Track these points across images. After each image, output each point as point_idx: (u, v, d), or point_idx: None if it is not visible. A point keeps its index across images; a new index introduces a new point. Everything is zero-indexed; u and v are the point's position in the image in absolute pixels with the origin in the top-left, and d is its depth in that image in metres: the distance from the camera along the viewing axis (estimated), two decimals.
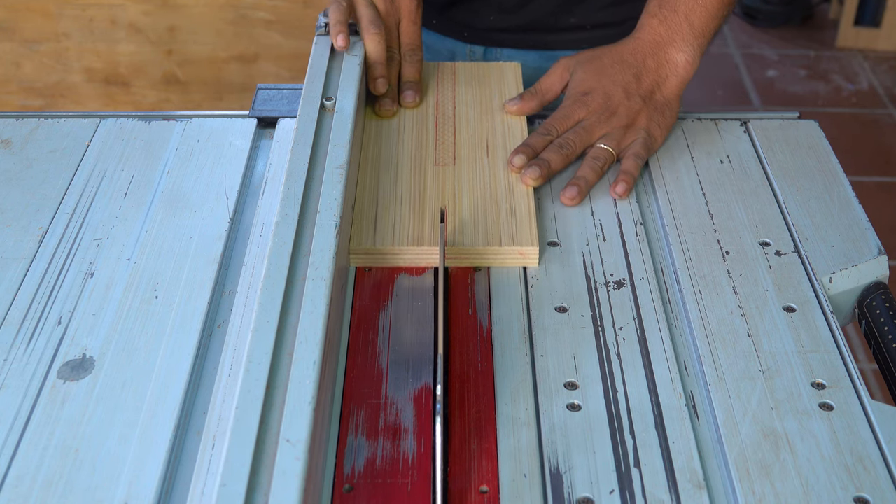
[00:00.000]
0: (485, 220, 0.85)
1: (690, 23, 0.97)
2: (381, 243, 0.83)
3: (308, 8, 2.18)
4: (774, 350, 0.75)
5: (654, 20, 0.99)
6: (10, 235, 0.84)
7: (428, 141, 0.96)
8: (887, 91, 2.98)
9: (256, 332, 0.66)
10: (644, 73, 0.97)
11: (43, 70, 2.28)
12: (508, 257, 0.83)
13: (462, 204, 0.87)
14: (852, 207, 0.90)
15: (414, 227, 0.84)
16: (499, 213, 0.86)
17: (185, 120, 0.99)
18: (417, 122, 0.99)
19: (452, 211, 0.86)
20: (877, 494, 0.64)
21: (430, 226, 0.84)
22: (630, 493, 0.64)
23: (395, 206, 0.87)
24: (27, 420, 0.68)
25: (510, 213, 0.86)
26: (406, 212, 0.86)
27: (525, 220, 0.85)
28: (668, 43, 0.98)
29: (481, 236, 0.84)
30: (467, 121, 0.99)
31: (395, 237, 0.83)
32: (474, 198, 0.88)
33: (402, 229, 0.84)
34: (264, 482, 0.57)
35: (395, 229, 0.84)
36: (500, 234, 0.84)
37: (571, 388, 0.72)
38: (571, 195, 0.90)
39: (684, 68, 0.98)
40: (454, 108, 1.01)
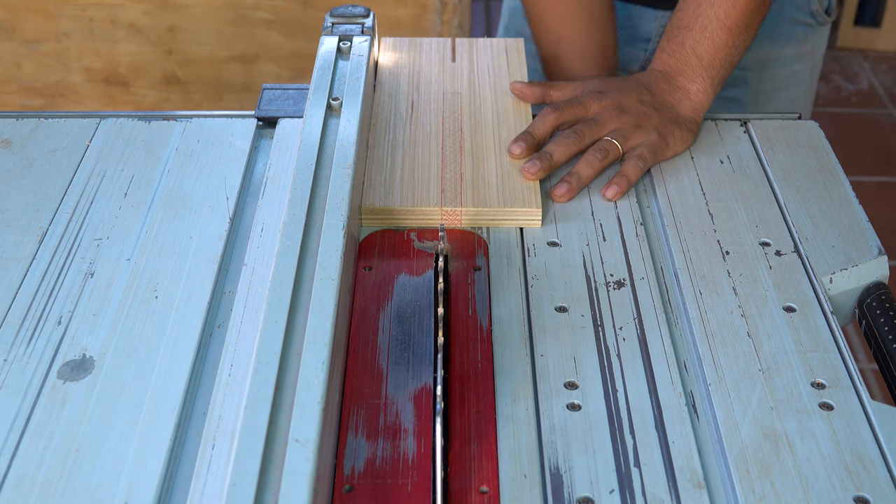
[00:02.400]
0: (487, 183, 0.89)
1: (698, 55, 0.99)
2: (391, 201, 0.86)
3: (308, 8, 2.18)
4: (774, 350, 0.75)
5: (664, 54, 1.01)
6: (10, 235, 0.84)
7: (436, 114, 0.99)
8: (887, 91, 2.98)
9: (265, 333, 0.66)
10: (657, 92, 0.99)
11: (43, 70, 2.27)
12: (511, 217, 0.86)
13: (467, 166, 0.91)
14: (852, 207, 0.90)
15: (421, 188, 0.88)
16: (502, 176, 0.90)
17: (186, 120, 0.99)
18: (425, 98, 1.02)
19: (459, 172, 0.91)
20: (877, 494, 0.64)
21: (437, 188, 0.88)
22: (630, 492, 0.64)
23: (402, 168, 0.91)
24: (27, 420, 0.68)
25: (513, 177, 0.90)
26: (415, 174, 0.90)
27: (529, 184, 0.89)
28: (679, 74, 0.99)
29: (485, 197, 0.87)
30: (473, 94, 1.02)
31: (404, 197, 0.87)
32: (479, 163, 0.92)
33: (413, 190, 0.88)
34: (273, 482, 0.57)
35: (404, 190, 0.88)
36: (504, 196, 0.87)
37: (571, 388, 0.72)
38: (560, 192, 0.90)
39: (696, 95, 0.99)
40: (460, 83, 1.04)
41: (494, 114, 0.99)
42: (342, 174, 0.81)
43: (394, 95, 1.02)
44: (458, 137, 0.95)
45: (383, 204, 0.86)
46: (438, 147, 0.94)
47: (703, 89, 0.99)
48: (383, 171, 0.90)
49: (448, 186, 0.88)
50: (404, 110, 0.99)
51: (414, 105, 1.00)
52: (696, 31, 0.99)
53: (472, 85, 1.04)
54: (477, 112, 0.99)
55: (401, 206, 0.86)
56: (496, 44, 1.10)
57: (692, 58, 0.99)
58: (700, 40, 0.99)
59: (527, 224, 0.86)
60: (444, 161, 0.92)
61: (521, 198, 0.87)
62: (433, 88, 1.03)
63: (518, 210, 0.86)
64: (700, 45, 0.99)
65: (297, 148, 0.84)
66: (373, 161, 0.92)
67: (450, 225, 0.86)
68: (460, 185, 0.89)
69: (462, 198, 0.87)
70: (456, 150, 0.93)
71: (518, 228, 0.87)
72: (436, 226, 0.86)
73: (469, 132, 0.96)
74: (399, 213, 0.86)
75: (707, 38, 0.98)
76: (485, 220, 0.86)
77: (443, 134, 0.96)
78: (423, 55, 1.08)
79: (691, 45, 0.99)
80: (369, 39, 1.01)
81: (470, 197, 0.87)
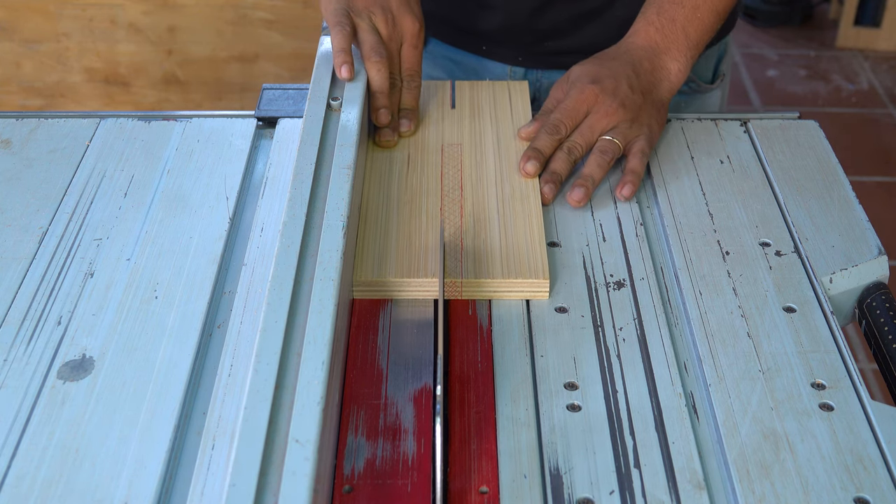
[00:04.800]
0: (490, 250, 0.82)
1: (687, 34, 0.98)
2: (383, 274, 0.80)
3: (308, 8, 2.18)
4: (774, 350, 0.75)
5: (651, 28, 0.99)
6: (10, 235, 0.84)
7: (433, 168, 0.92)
8: (887, 91, 2.98)
9: (265, 333, 0.66)
10: (641, 72, 0.97)
11: (43, 70, 2.28)
12: (516, 289, 0.79)
13: (469, 232, 0.84)
14: (852, 207, 0.90)
15: (417, 257, 0.81)
16: (506, 242, 0.83)
17: (185, 120, 0.99)
18: (423, 149, 0.95)
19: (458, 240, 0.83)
20: (877, 494, 0.64)
21: (434, 257, 0.81)
22: (630, 493, 0.64)
23: (398, 232, 0.84)
24: (27, 420, 0.68)
25: (517, 243, 0.83)
26: (411, 240, 0.83)
27: (536, 250, 0.82)
28: (664, 51, 0.98)
29: (487, 267, 0.80)
30: (475, 145, 0.96)
31: (398, 268, 0.80)
32: (481, 226, 0.85)
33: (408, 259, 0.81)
34: (273, 482, 0.57)
35: (399, 260, 0.81)
36: (509, 266, 0.80)
37: (571, 389, 0.72)
38: (578, 197, 0.89)
39: (676, 76, 0.98)
40: (460, 132, 0.98)
41: (497, 169, 0.92)
42: (342, 174, 0.81)
43: (390, 148, 0.95)
44: (458, 196, 0.88)
45: (376, 276, 0.79)
46: (437, 207, 0.87)
47: (684, 69, 0.98)
48: (377, 235, 0.83)
49: (447, 254, 0.81)
50: (400, 164, 0.93)
51: (411, 158, 0.94)
52: (689, 10, 0.98)
53: (473, 134, 0.97)
54: (478, 166, 0.93)
55: (395, 278, 0.79)
56: (498, 87, 1.04)
57: (681, 35, 0.98)
58: (691, 19, 0.98)
59: (533, 296, 0.79)
60: (442, 223, 0.85)
61: (527, 267, 0.80)
62: (431, 139, 0.96)
63: (524, 282, 0.79)
64: (690, 25, 0.98)
65: (296, 148, 0.84)
66: (366, 224, 0.85)
67: (449, 296, 0.79)
68: (460, 251, 0.82)
69: (462, 267, 0.80)
70: (456, 211, 0.87)
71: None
72: (433, 297, 0.79)
73: (470, 190, 0.89)
74: (393, 286, 0.79)
75: (698, 18, 0.98)
76: (487, 293, 0.79)
77: (442, 192, 0.89)
78: (421, 100, 1.01)
79: (682, 23, 0.98)
80: None
81: (471, 266, 0.80)
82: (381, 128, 0.96)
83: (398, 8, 0.97)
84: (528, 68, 1.16)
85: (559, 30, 1.11)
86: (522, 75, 1.16)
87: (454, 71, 1.20)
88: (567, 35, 1.12)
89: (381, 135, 0.95)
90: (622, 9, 1.04)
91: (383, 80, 0.95)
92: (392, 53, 0.97)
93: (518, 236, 0.84)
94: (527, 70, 1.16)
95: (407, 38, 0.98)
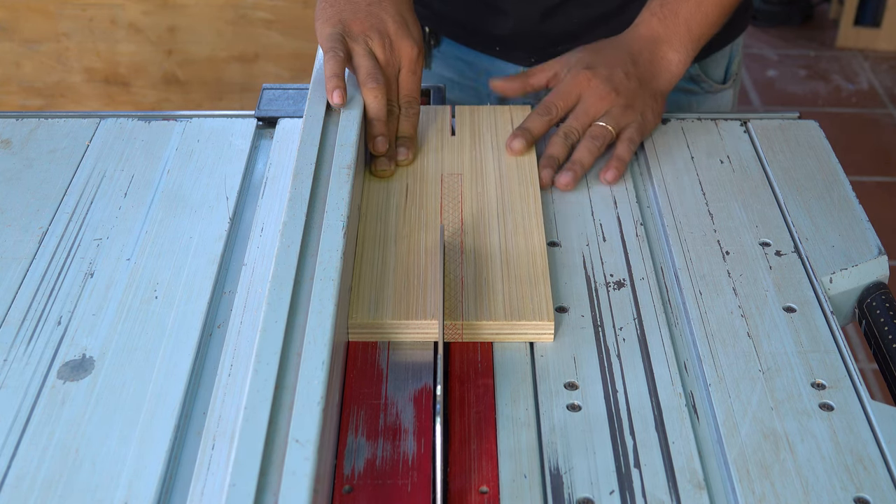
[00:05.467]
0: (492, 289, 0.78)
1: (689, 27, 0.98)
2: (379, 316, 0.76)
3: (308, 8, 2.18)
4: (774, 350, 0.75)
5: (654, 19, 0.99)
6: (10, 235, 0.84)
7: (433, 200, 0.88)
8: (887, 91, 2.98)
9: (264, 333, 0.66)
10: (639, 61, 0.98)
11: (43, 70, 2.28)
12: (519, 332, 0.76)
13: (469, 268, 0.81)
14: (852, 207, 0.90)
15: (415, 297, 0.77)
16: (509, 280, 0.79)
17: (185, 120, 0.99)
18: (421, 180, 0.91)
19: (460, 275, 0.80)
20: (877, 494, 0.64)
21: (434, 299, 0.77)
22: (630, 493, 0.64)
23: (395, 272, 0.80)
24: (27, 420, 0.68)
25: (520, 281, 0.79)
26: (409, 280, 0.79)
27: (540, 290, 0.78)
28: (665, 42, 0.99)
29: (489, 308, 0.76)
30: (475, 175, 0.92)
31: (396, 309, 0.76)
32: (482, 262, 0.81)
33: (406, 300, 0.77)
34: (273, 482, 0.57)
35: (396, 300, 0.77)
36: (512, 306, 0.77)
37: (571, 389, 0.72)
38: (567, 181, 0.90)
39: (677, 66, 0.99)
40: (460, 161, 0.94)
41: (499, 201, 0.88)
42: (342, 174, 0.81)
43: (387, 179, 0.91)
44: (458, 231, 0.84)
45: (372, 318, 0.75)
46: (436, 244, 0.82)
47: (684, 61, 0.99)
48: (373, 275, 0.79)
49: (447, 294, 0.77)
50: (398, 198, 0.88)
51: (409, 189, 0.89)
52: (693, 4, 0.98)
53: (473, 163, 0.93)
54: (480, 198, 0.88)
55: (392, 320, 0.75)
56: (500, 111, 1.00)
57: (683, 28, 0.98)
58: (694, 13, 0.98)
59: (537, 339, 0.75)
60: (442, 261, 0.80)
61: (530, 308, 0.76)
62: (430, 169, 0.92)
63: (527, 324, 0.75)
64: (693, 18, 0.98)
65: (296, 148, 0.84)
66: (362, 260, 0.81)
67: (449, 338, 0.75)
68: (461, 291, 0.78)
69: (463, 308, 0.76)
70: (456, 248, 0.82)
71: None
72: (432, 340, 0.75)
73: (471, 224, 0.85)
74: (390, 328, 0.75)
75: (701, 12, 0.98)
76: (489, 335, 0.75)
77: (441, 227, 0.84)
78: (420, 126, 0.97)
79: (685, 16, 0.98)
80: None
81: (472, 307, 0.76)
82: (377, 157, 0.92)
83: (396, 32, 0.94)
84: None
85: (570, 34, 1.11)
86: None
87: (465, 71, 1.20)
88: (578, 39, 1.12)
89: (378, 164, 0.92)
90: (632, 13, 1.04)
91: (380, 107, 0.91)
92: (389, 79, 0.94)
93: (521, 274, 0.80)
94: None
95: (405, 64, 0.95)
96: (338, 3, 0.94)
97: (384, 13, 0.94)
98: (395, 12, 0.95)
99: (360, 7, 0.94)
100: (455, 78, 1.21)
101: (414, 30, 0.96)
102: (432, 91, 1.08)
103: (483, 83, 1.19)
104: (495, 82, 1.00)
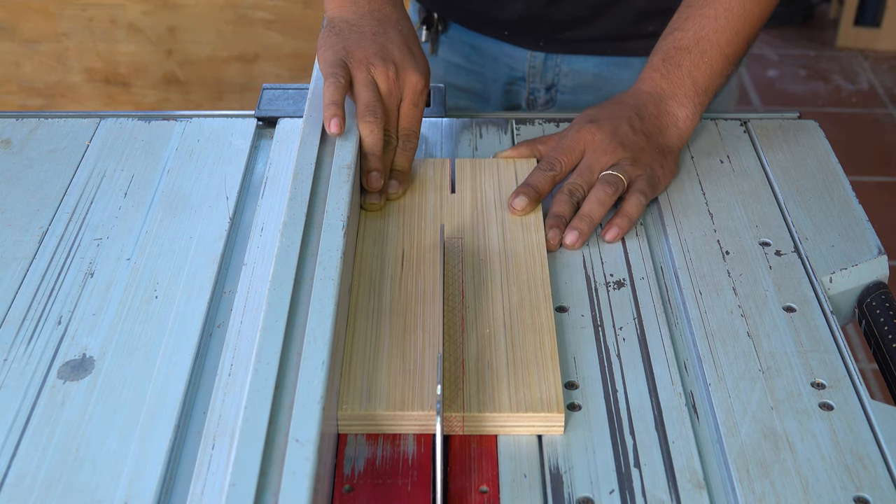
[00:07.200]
0: (496, 375, 0.71)
1: (694, 79, 0.94)
2: (372, 407, 0.69)
3: (308, 8, 2.18)
4: (774, 350, 0.75)
5: (657, 74, 0.95)
6: (10, 235, 0.84)
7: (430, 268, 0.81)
8: (887, 91, 2.98)
9: (265, 332, 0.66)
10: (645, 116, 0.93)
11: (43, 70, 2.28)
12: (526, 424, 0.69)
13: (471, 350, 0.73)
14: (852, 207, 0.90)
15: (411, 384, 0.70)
16: (514, 364, 0.72)
17: (185, 120, 0.99)
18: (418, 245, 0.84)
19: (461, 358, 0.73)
20: (877, 494, 0.64)
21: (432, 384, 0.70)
22: (630, 493, 0.64)
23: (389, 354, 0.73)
24: (27, 420, 0.68)
25: (527, 365, 0.72)
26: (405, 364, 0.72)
27: (549, 376, 0.71)
28: (670, 97, 0.94)
29: (492, 398, 0.69)
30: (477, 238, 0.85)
31: (390, 399, 0.69)
32: (485, 343, 0.74)
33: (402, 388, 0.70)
34: (274, 482, 0.57)
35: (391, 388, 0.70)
36: (518, 396, 0.69)
37: (571, 388, 0.72)
38: (573, 240, 0.84)
39: (684, 122, 0.94)
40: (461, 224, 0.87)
41: (503, 269, 0.81)
42: (342, 174, 0.81)
43: (381, 242, 0.84)
44: (458, 305, 0.77)
45: (364, 409, 0.68)
46: (434, 321, 0.75)
47: (692, 116, 0.94)
48: (366, 355, 0.72)
49: (446, 381, 0.70)
50: (393, 266, 0.81)
51: (405, 257, 0.82)
52: (696, 55, 0.94)
53: (475, 225, 0.86)
54: (482, 266, 0.81)
55: (386, 412, 0.68)
56: (503, 165, 0.93)
57: (687, 81, 0.94)
58: (698, 65, 0.94)
59: (545, 431, 0.68)
60: (441, 343, 0.72)
61: (538, 398, 0.69)
62: (428, 233, 0.85)
63: (535, 416, 0.68)
64: (697, 70, 0.94)
65: (296, 148, 0.84)
66: (353, 338, 0.74)
67: (448, 431, 0.68)
68: (462, 378, 0.71)
69: (464, 398, 0.69)
70: (456, 325, 0.75)
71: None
72: (430, 432, 0.69)
73: (472, 297, 0.78)
74: (384, 420, 0.68)
75: (706, 63, 0.94)
76: (492, 427, 0.68)
77: (440, 301, 0.76)
78: (417, 183, 0.91)
79: (688, 69, 0.94)
80: None
81: (474, 397, 0.69)
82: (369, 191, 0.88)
83: (402, 61, 0.90)
84: (548, 53, 1.15)
85: (578, 18, 1.11)
86: (542, 60, 1.16)
87: (472, 56, 1.20)
88: (586, 24, 1.11)
89: (368, 198, 0.88)
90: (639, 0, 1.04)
91: (376, 142, 0.87)
92: (390, 110, 0.90)
93: (528, 357, 0.72)
94: (547, 55, 1.16)
95: (408, 95, 0.91)
96: (343, 32, 0.92)
97: (390, 43, 0.91)
98: (402, 42, 0.92)
99: (366, 36, 0.91)
100: (462, 63, 1.21)
101: (420, 59, 0.92)
102: (432, 90, 1.07)
103: (489, 68, 1.19)
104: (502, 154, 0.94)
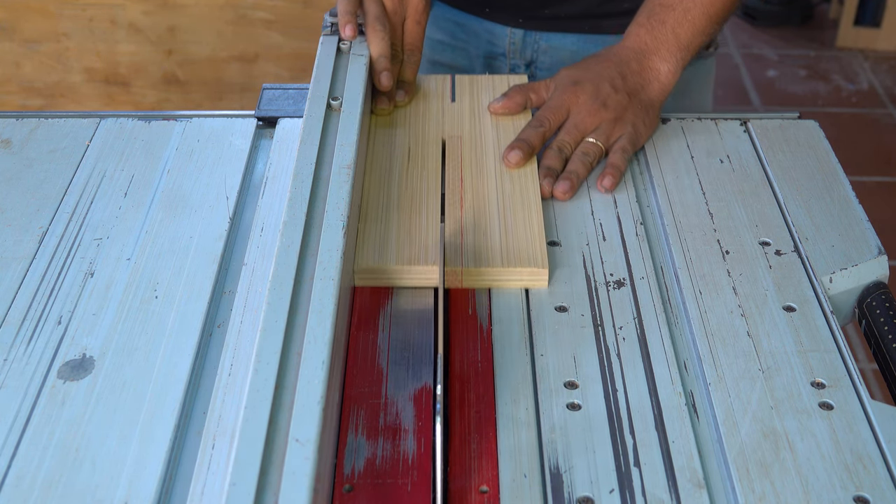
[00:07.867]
0: (490, 241, 0.83)
1: (677, 35, 0.99)
2: (384, 261, 0.81)
3: (308, 8, 2.18)
4: (774, 349, 0.75)
5: (642, 30, 1.01)
6: (10, 235, 0.84)
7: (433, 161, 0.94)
8: (887, 91, 2.98)
9: (265, 332, 0.66)
10: (628, 73, 0.99)
11: (43, 70, 2.28)
12: (515, 278, 0.81)
13: (469, 224, 0.86)
14: (852, 207, 0.90)
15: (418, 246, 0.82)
16: (506, 234, 0.84)
17: (185, 120, 0.99)
18: (423, 143, 0.96)
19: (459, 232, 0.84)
20: (877, 494, 0.64)
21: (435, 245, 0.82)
22: (630, 492, 0.64)
23: (398, 223, 0.85)
24: (27, 420, 0.68)
25: (517, 234, 0.84)
26: (412, 230, 0.84)
27: (535, 242, 0.83)
28: (653, 52, 1.00)
29: (487, 257, 0.82)
30: (475, 138, 0.97)
31: (399, 255, 0.81)
32: (481, 219, 0.86)
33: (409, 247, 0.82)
34: (274, 482, 0.57)
35: (399, 248, 0.82)
36: (509, 256, 0.82)
37: (571, 388, 0.72)
38: (564, 189, 0.91)
39: (666, 76, 1.00)
40: (460, 126, 0.99)
41: (496, 161, 0.93)
42: (342, 174, 0.81)
43: (390, 140, 0.97)
44: (458, 188, 0.90)
45: (377, 263, 0.81)
46: (437, 199, 0.88)
47: (674, 70, 1.00)
48: (378, 225, 0.85)
49: (447, 243, 0.83)
50: (401, 158, 0.94)
51: (411, 152, 0.95)
52: (679, 12, 0.99)
53: (472, 127, 0.98)
54: (478, 159, 0.94)
55: (396, 266, 0.80)
56: (498, 81, 1.05)
57: (671, 37, 0.99)
58: (681, 21, 0.99)
59: (532, 285, 0.81)
60: (443, 215, 0.86)
61: (525, 256, 0.81)
62: (431, 132, 0.98)
63: (523, 270, 0.80)
64: (680, 26, 0.99)
65: (296, 148, 0.84)
66: (367, 214, 0.86)
67: (449, 284, 0.81)
68: (461, 241, 0.83)
69: (462, 256, 0.82)
70: (456, 203, 0.88)
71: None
72: (433, 286, 0.81)
73: (470, 182, 0.91)
74: (394, 273, 0.80)
75: (689, 20, 0.99)
76: (486, 281, 0.81)
77: (442, 184, 0.90)
78: (421, 94, 1.03)
79: (672, 25, 0.99)
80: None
81: (471, 255, 0.82)
82: (379, 95, 0.99)
83: None
84: (527, 30, 1.20)
85: None
86: (522, 36, 1.20)
87: (457, 33, 1.23)
88: (566, 1, 1.16)
89: (379, 102, 0.99)
90: None
91: (385, 46, 0.99)
92: (395, 26, 1.01)
93: (518, 228, 0.85)
94: (526, 32, 1.20)
95: (410, 14, 1.02)
96: None
97: None
98: None
99: None
100: (447, 40, 1.25)
101: None
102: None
103: (473, 44, 1.24)
104: (495, 106, 1.00)
